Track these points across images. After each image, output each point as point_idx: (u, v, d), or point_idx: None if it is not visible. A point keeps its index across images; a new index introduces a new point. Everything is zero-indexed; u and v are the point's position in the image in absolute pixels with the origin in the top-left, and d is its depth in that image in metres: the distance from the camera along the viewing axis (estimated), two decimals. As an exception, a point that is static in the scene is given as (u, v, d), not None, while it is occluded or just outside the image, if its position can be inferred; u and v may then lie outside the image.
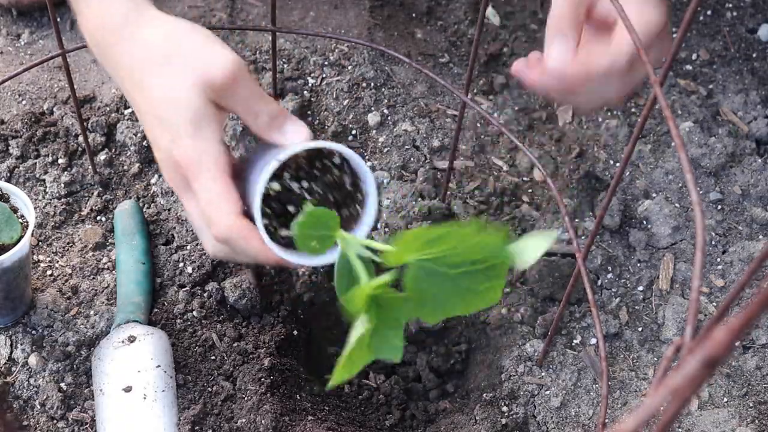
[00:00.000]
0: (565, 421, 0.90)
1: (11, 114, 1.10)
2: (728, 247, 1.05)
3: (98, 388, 0.86)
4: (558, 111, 1.18)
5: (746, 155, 1.13)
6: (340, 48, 1.19)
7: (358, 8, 1.25)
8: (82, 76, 1.16)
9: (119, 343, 0.87)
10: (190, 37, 0.73)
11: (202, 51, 0.72)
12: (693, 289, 0.49)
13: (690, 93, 1.20)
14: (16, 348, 0.92)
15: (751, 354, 0.96)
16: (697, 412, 0.92)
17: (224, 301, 0.96)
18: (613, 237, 1.05)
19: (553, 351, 0.94)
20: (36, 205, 1.02)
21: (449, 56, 1.22)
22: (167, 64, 0.72)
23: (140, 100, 0.73)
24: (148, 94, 0.73)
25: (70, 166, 1.05)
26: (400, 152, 1.10)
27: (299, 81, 1.16)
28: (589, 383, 0.93)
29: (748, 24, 1.28)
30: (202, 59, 0.71)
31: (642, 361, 0.96)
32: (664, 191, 1.09)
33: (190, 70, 0.72)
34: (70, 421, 0.87)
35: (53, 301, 0.95)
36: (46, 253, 0.99)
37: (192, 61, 0.72)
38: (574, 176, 1.10)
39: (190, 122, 0.72)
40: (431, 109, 1.15)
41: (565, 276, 0.99)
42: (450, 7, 1.28)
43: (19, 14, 1.22)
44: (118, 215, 1.00)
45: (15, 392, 0.89)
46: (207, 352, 0.93)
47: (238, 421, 0.86)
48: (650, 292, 1.01)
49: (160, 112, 0.72)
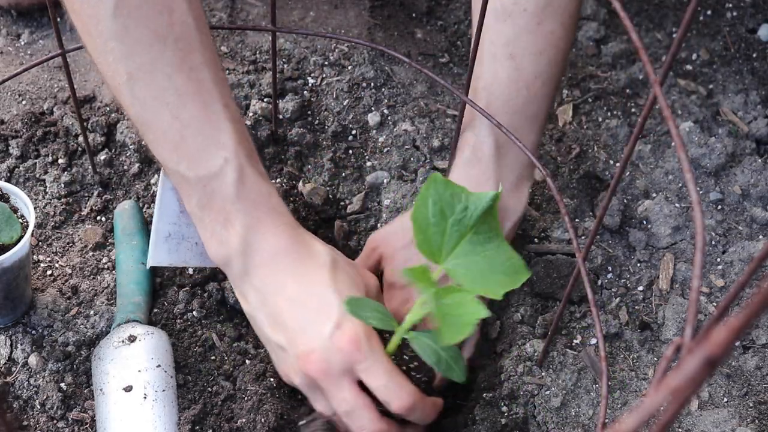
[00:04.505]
0: (565, 421, 0.90)
1: (11, 114, 1.10)
2: (728, 247, 1.05)
3: (98, 387, 0.86)
4: (558, 111, 1.18)
5: (746, 155, 1.13)
6: (340, 48, 1.19)
7: (358, 8, 1.25)
8: (82, 76, 1.16)
9: (119, 342, 0.87)
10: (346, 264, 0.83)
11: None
12: (693, 289, 0.49)
13: (690, 93, 1.20)
14: (16, 348, 0.92)
15: (751, 354, 0.96)
16: (697, 412, 0.92)
17: (224, 301, 0.96)
18: (613, 237, 1.05)
19: (553, 351, 0.94)
20: (36, 205, 1.02)
21: (449, 56, 1.22)
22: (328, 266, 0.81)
23: (291, 291, 0.79)
24: (302, 284, 0.79)
25: (70, 166, 1.05)
26: (400, 152, 1.10)
27: (299, 81, 1.16)
28: (589, 383, 0.93)
29: (748, 24, 1.28)
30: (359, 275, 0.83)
31: (642, 361, 0.96)
32: (664, 191, 1.09)
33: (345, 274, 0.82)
34: (70, 421, 0.87)
35: (53, 301, 0.95)
36: (46, 253, 0.99)
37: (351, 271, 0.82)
38: (574, 176, 1.10)
39: (356, 289, 0.80)
40: (431, 109, 1.15)
41: (565, 276, 0.99)
42: (450, 7, 1.28)
43: (19, 14, 1.22)
44: (118, 215, 1.00)
45: (15, 392, 0.89)
46: (207, 352, 0.93)
47: (238, 421, 0.86)
48: (650, 292, 1.01)
49: (320, 299, 0.78)
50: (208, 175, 0.77)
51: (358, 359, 0.76)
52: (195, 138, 0.76)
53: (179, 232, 0.89)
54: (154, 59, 0.73)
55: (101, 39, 0.73)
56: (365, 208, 1.07)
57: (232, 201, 0.78)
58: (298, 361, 0.78)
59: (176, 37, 0.74)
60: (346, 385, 0.77)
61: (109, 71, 0.75)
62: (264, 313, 0.80)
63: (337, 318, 0.77)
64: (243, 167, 0.78)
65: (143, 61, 0.73)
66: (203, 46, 0.76)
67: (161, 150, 0.77)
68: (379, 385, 0.77)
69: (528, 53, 0.89)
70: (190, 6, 0.75)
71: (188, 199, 0.79)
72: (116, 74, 0.75)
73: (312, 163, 1.09)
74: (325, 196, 1.05)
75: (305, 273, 0.79)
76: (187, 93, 0.75)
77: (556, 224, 1.05)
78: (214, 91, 0.76)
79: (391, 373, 0.77)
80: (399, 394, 0.77)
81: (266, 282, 0.80)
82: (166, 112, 0.75)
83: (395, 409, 0.78)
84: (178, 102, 0.75)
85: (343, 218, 1.05)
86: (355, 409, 0.78)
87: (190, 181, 0.77)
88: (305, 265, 0.80)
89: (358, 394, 0.78)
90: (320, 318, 0.77)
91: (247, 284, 0.81)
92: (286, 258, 0.79)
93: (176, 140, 0.76)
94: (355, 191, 1.08)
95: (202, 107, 0.76)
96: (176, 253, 0.90)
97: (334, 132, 1.12)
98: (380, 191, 1.07)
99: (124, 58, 0.73)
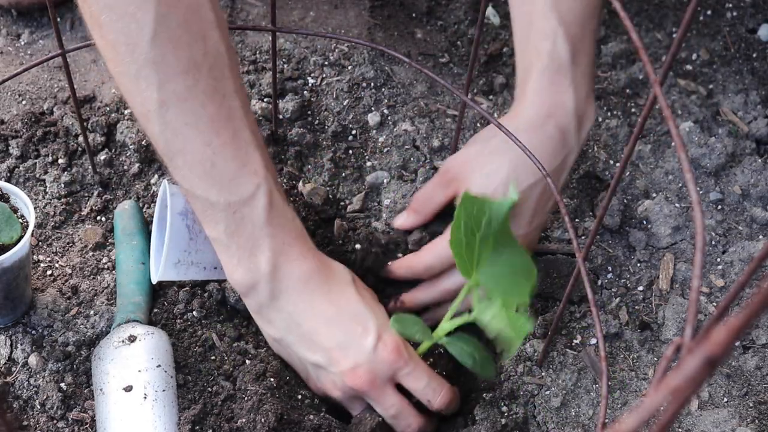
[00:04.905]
0: (565, 421, 0.90)
1: (11, 114, 1.10)
2: (728, 247, 1.05)
3: (98, 387, 0.86)
4: (558, 111, 1.18)
5: (746, 155, 1.13)
6: (340, 48, 1.19)
7: (358, 8, 1.25)
8: (82, 76, 1.16)
9: (120, 342, 0.87)
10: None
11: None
12: (693, 289, 0.49)
13: (690, 93, 1.20)
14: (16, 348, 0.92)
15: (751, 354, 0.96)
16: (697, 412, 0.92)
17: (224, 301, 0.96)
18: (613, 237, 1.05)
19: (553, 351, 0.94)
20: (36, 205, 1.02)
21: (449, 56, 1.22)
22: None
23: (324, 311, 0.83)
24: (334, 304, 0.84)
25: (70, 166, 1.05)
26: (400, 152, 1.10)
27: (299, 81, 1.16)
28: (589, 383, 0.93)
29: (748, 24, 1.28)
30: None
31: (642, 361, 0.96)
32: (664, 191, 1.09)
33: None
34: (70, 421, 0.87)
35: (53, 301, 0.95)
36: (46, 253, 0.99)
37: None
38: (574, 176, 1.10)
39: (379, 307, 0.87)
40: (431, 109, 1.15)
41: (565, 276, 0.99)
42: (450, 7, 1.28)
43: (19, 14, 1.22)
44: (118, 215, 1.00)
45: (15, 392, 0.89)
46: (207, 352, 0.93)
47: (238, 421, 0.86)
48: (650, 292, 1.01)
49: (354, 316, 0.84)
50: (239, 200, 0.78)
51: (401, 366, 0.83)
52: (226, 164, 0.77)
53: (188, 258, 0.89)
54: (189, 87, 0.74)
55: (135, 66, 0.73)
56: (365, 208, 1.07)
57: (261, 227, 0.79)
58: (344, 377, 0.83)
59: (210, 65, 0.75)
60: (390, 391, 0.84)
61: (140, 98, 0.75)
62: (296, 335, 0.84)
63: (377, 331, 0.83)
64: (272, 192, 0.80)
65: (178, 88, 0.74)
66: (233, 74, 0.77)
67: (191, 177, 0.78)
68: (421, 387, 0.85)
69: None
70: (222, 35, 0.76)
71: (214, 225, 0.80)
72: (147, 101, 0.75)
73: (312, 163, 1.09)
74: (325, 196, 1.05)
75: (334, 293, 0.84)
76: (219, 120, 0.76)
77: (556, 224, 1.05)
78: (244, 119, 0.78)
79: (431, 374, 0.85)
80: (440, 392, 0.85)
81: (297, 304, 0.83)
82: (198, 139, 0.76)
83: (437, 406, 0.86)
84: (210, 129, 0.76)
85: (343, 218, 1.05)
86: (402, 410, 0.85)
87: (219, 208, 0.78)
88: (332, 286, 0.84)
89: (401, 398, 0.85)
90: (359, 333, 0.83)
91: (275, 309, 0.83)
92: (315, 281, 0.83)
93: (207, 167, 0.77)
94: (355, 191, 1.08)
95: (233, 135, 0.77)
96: (184, 275, 0.91)
97: (334, 132, 1.12)
98: (380, 191, 1.07)
99: (159, 85, 0.73)
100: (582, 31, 0.90)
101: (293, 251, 0.82)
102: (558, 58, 0.89)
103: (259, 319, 0.87)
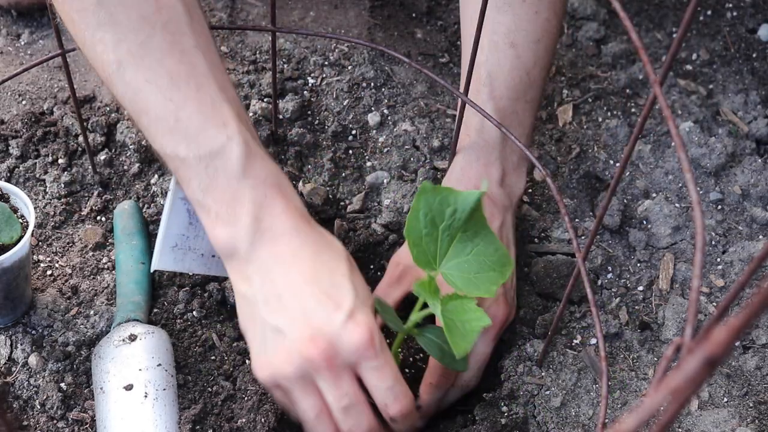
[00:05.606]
0: (565, 421, 0.90)
1: (11, 114, 1.10)
2: (728, 247, 1.05)
3: (99, 386, 0.86)
4: (558, 111, 1.18)
5: (746, 155, 1.13)
6: (340, 48, 1.19)
7: (358, 8, 1.25)
8: (82, 76, 1.16)
9: (120, 341, 0.87)
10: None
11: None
12: (693, 289, 0.49)
13: (690, 93, 1.20)
14: (16, 348, 0.92)
15: (751, 354, 0.96)
16: (697, 412, 0.92)
17: (224, 301, 0.96)
18: (613, 237, 1.05)
19: (553, 351, 0.94)
20: (36, 205, 1.02)
21: (449, 56, 1.22)
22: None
23: (304, 269, 0.75)
24: (318, 266, 0.75)
25: (70, 166, 1.05)
26: (400, 152, 1.10)
27: (299, 81, 1.16)
28: (589, 383, 0.93)
29: (748, 24, 1.28)
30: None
31: (642, 361, 0.96)
32: (664, 191, 1.09)
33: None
34: (70, 421, 0.87)
35: (53, 301, 0.95)
36: (46, 253, 0.99)
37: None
38: (574, 176, 1.10)
39: (368, 296, 0.76)
40: (431, 109, 1.15)
41: (565, 276, 0.99)
42: (450, 7, 1.28)
43: (19, 14, 1.22)
44: (117, 215, 1.00)
45: (15, 392, 0.89)
46: (207, 352, 0.93)
47: (238, 421, 0.86)
48: (650, 292, 1.01)
49: (334, 285, 0.74)
50: (209, 153, 0.73)
51: (368, 356, 0.72)
52: (191, 118, 0.73)
53: (186, 243, 0.88)
54: (143, 43, 0.72)
55: (89, 31, 0.73)
56: (365, 208, 1.07)
57: (239, 178, 0.74)
58: (299, 343, 0.72)
59: (164, 21, 0.73)
60: (347, 378, 0.73)
61: (100, 63, 0.74)
62: (267, 293, 0.74)
63: (350, 308, 0.72)
64: (248, 143, 0.74)
65: (132, 46, 0.72)
66: (194, 31, 0.75)
67: (157, 135, 0.75)
68: (384, 387, 0.74)
69: (528, 41, 0.93)
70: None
71: (188, 183, 0.75)
72: (106, 64, 0.74)
73: (312, 163, 1.09)
74: (325, 196, 1.05)
75: (322, 257, 0.75)
76: (179, 76, 0.73)
77: (556, 224, 1.05)
78: (209, 75, 0.74)
79: (398, 377, 0.75)
80: (400, 399, 0.75)
81: (277, 258, 0.75)
82: (158, 95, 0.73)
83: (392, 413, 0.75)
84: (170, 84, 0.73)
85: (342, 218, 1.05)
86: (355, 405, 0.74)
87: (189, 163, 0.74)
88: (321, 251, 0.76)
89: (358, 391, 0.74)
90: (331, 305, 0.73)
91: (254, 264, 0.75)
92: (302, 238, 0.75)
93: (171, 122, 0.73)
94: (355, 191, 1.08)
95: (195, 89, 0.74)
96: (181, 261, 0.90)
97: (334, 132, 1.12)
98: (380, 191, 1.07)
99: (113, 46, 0.73)
100: (513, 105, 0.93)
101: (277, 204, 0.75)
102: (485, 134, 0.93)
103: (241, 280, 0.77)
